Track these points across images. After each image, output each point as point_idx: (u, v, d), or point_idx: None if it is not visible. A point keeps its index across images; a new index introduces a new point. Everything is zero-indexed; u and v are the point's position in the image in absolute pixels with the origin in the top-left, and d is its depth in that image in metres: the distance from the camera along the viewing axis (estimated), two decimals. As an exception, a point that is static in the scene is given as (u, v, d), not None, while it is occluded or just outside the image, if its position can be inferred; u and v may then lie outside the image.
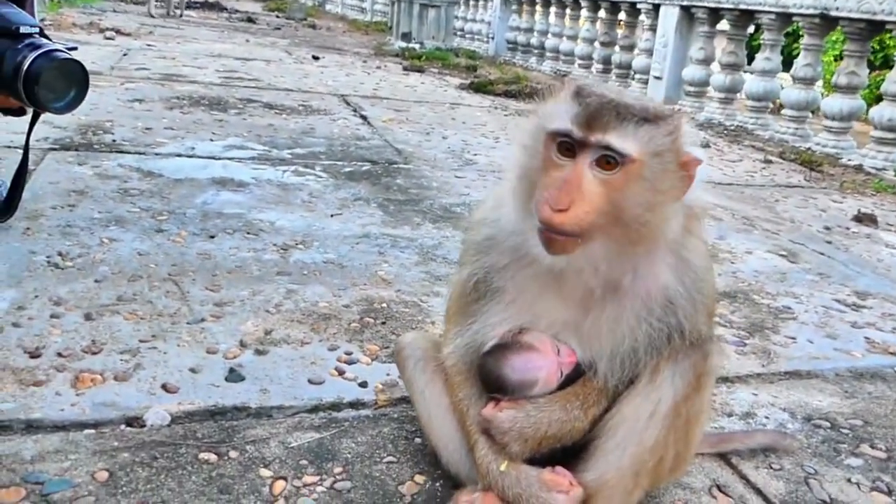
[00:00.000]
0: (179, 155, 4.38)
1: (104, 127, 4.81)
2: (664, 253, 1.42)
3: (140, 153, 4.31)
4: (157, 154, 4.34)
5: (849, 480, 1.95)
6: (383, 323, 2.54)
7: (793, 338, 2.85)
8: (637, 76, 10.58)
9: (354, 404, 2.04)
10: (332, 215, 3.63)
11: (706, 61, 9.22)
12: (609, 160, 1.30)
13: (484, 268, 1.53)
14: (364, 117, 6.33)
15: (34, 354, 2.07)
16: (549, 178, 1.32)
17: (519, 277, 1.50)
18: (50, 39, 2.51)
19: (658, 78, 9.86)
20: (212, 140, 4.84)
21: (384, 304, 2.69)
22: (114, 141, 4.50)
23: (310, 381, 2.11)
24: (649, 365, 1.45)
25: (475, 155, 5.40)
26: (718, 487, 1.86)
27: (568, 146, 1.32)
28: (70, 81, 2.48)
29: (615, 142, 1.29)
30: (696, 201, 1.42)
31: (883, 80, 6.88)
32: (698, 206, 1.45)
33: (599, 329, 1.46)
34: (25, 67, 2.36)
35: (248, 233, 3.25)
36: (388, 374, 2.17)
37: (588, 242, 1.32)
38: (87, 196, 3.44)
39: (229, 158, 4.43)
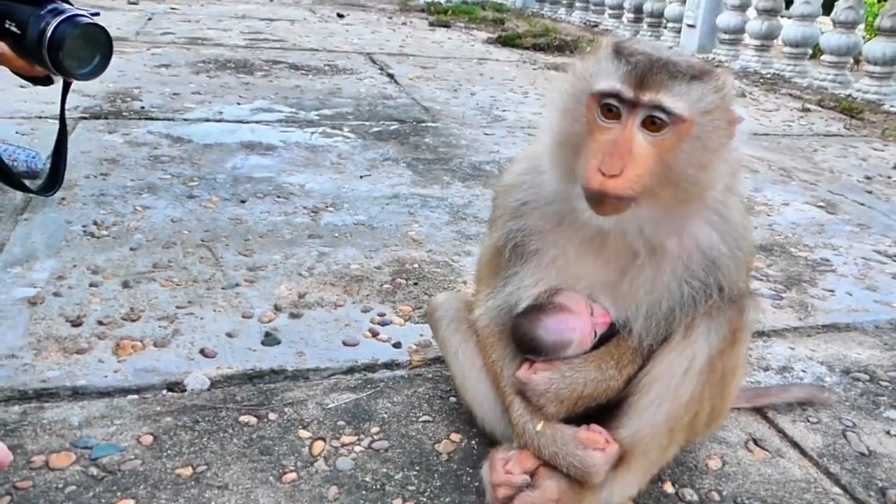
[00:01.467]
0: (207, 120, 4.40)
1: (132, 94, 4.84)
2: (708, 212, 1.40)
3: (169, 119, 4.34)
4: (185, 120, 4.36)
5: (888, 433, 1.93)
6: (415, 284, 2.55)
7: (831, 290, 2.81)
8: (670, 25, 10.31)
9: (389, 365, 2.06)
10: (361, 176, 3.64)
11: (742, 7, 8.94)
12: (656, 121, 1.27)
13: (520, 231, 1.52)
14: (391, 75, 6.28)
15: (76, 323, 2.13)
16: (597, 142, 1.29)
17: (558, 240, 1.49)
18: (72, 5, 2.52)
19: (691, 26, 9.60)
20: (239, 104, 4.85)
21: (415, 265, 2.70)
22: (142, 108, 4.53)
23: (344, 343, 2.14)
24: (684, 321, 1.44)
25: (504, 111, 5.34)
26: (755, 441, 1.86)
27: (612, 108, 1.29)
28: (94, 47, 2.49)
29: (667, 101, 1.26)
30: (735, 158, 1.40)
31: (928, 19, 6.62)
32: (737, 162, 1.42)
33: (636, 290, 1.45)
34: (49, 34, 2.38)
35: (279, 196, 3.27)
36: (421, 335, 2.19)
37: (643, 203, 1.31)
38: (118, 164, 3.49)
39: (257, 122, 4.44)
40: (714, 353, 1.44)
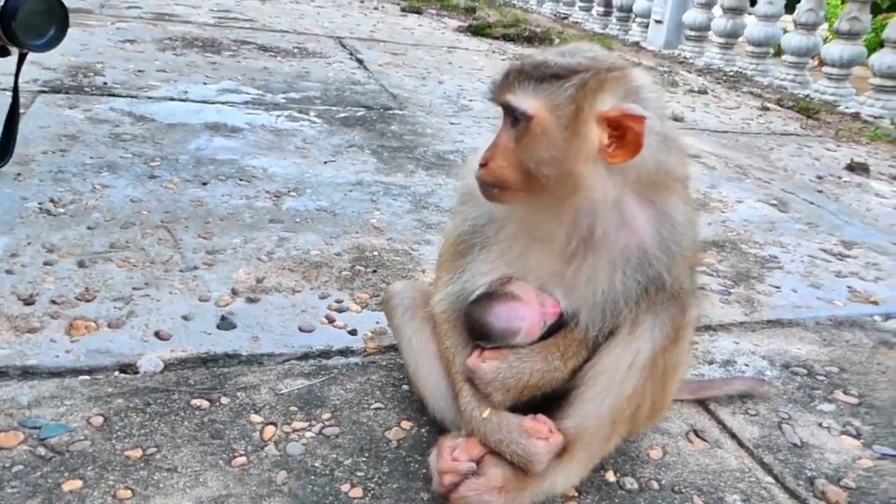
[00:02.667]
0: (172, 99, 4.33)
1: (95, 69, 4.74)
2: (640, 206, 1.43)
3: (132, 96, 4.27)
4: (149, 98, 4.29)
5: (820, 425, 2.01)
6: (374, 271, 2.56)
7: (777, 287, 2.89)
8: (638, 19, 10.40)
9: (344, 352, 2.07)
10: (325, 162, 3.62)
11: (708, 5, 9.06)
12: (517, 118, 1.36)
13: (474, 220, 1.56)
14: (360, 61, 6.24)
15: (28, 301, 2.10)
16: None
17: (511, 230, 1.52)
18: None
19: (659, 21, 9.69)
20: (205, 84, 4.78)
21: (375, 253, 2.71)
22: (105, 83, 4.44)
23: (300, 329, 2.15)
24: (629, 317, 1.48)
25: (471, 101, 5.34)
26: (695, 432, 1.91)
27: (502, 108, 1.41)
28: (49, 18, 2.44)
29: (512, 100, 1.35)
30: (670, 160, 1.42)
31: (887, 23, 6.76)
32: (674, 163, 1.44)
33: (579, 279, 1.48)
34: (3, 4, 2.33)
35: (241, 179, 3.24)
36: (377, 322, 2.21)
37: (512, 194, 1.40)
38: (78, 141, 3.42)
39: (223, 103, 4.39)
40: (657, 349, 1.47)
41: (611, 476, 1.70)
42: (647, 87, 1.37)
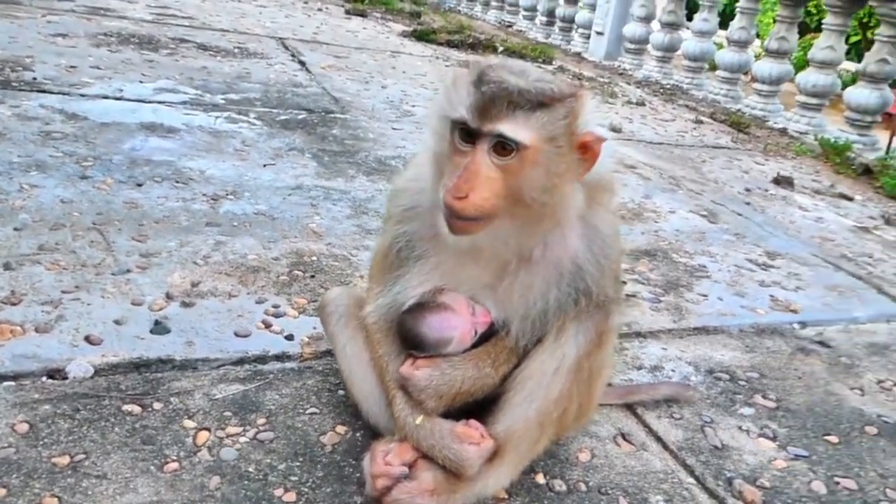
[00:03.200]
0: (106, 97, 4.24)
1: (24, 63, 4.60)
2: (574, 224, 1.50)
3: (64, 93, 4.16)
4: (82, 95, 4.19)
5: (740, 428, 2.11)
6: (312, 276, 2.57)
7: (704, 295, 3.01)
8: (580, 30, 10.63)
9: (280, 357, 2.08)
10: (264, 165, 3.60)
11: (647, 19, 9.32)
12: (505, 146, 1.34)
13: (406, 235, 1.59)
14: (302, 63, 6.21)
15: (-49, 304, 2.04)
16: (453, 164, 1.37)
17: (439, 246, 1.56)
18: None
19: (600, 33, 9.93)
20: (141, 82, 4.69)
21: (314, 258, 2.72)
22: (34, 79, 4.32)
23: (236, 334, 2.14)
24: (556, 325, 1.54)
25: (413, 106, 5.38)
26: (623, 435, 1.99)
27: (469, 132, 1.36)
28: None
29: (507, 130, 1.33)
30: (605, 175, 1.50)
31: (813, 43, 7.10)
32: (608, 179, 1.52)
33: (512, 294, 1.54)
34: None
35: (178, 181, 3.20)
36: (314, 328, 2.22)
37: (491, 223, 1.39)
38: (4, 139, 3.33)
39: (159, 102, 4.31)
40: (582, 353, 1.54)
41: (541, 478, 1.76)
42: (594, 107, 1.46)
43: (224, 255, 2.61)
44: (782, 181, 5.05)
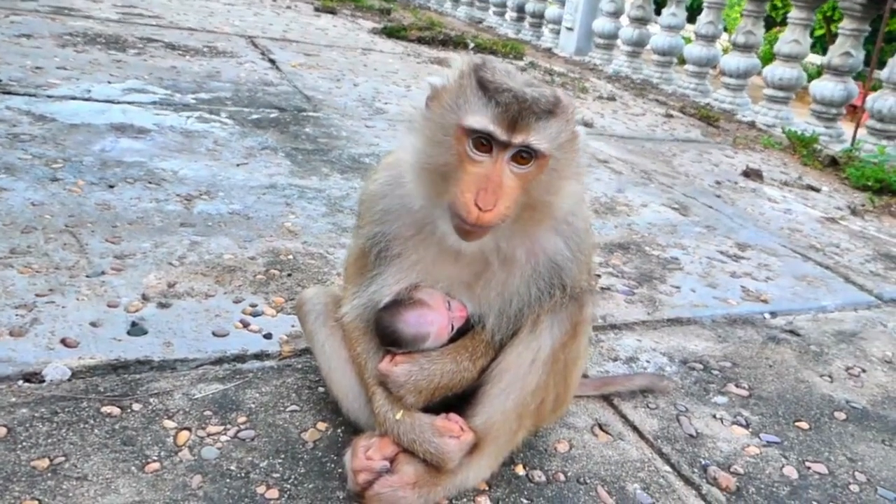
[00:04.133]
0: (74, 98, 4.19)
1: (-11, 65, 4.53)
2: (556, 222, 1.53)
3: (30, 95, 4.10)
4: (49, 97, 4.13)
5: (714, 416, 2.17)
6: (289, 275, 2.58)
7: (677, 287, 3.07)
8: (550, 26, 10.70)
9: (259, 356, 2.09)
10: (238, 165, 3.60)
11: (616, 14, 9.42)
12: (523, 155, 1.39)
13: (383, 236, 1.60)
14: (272, 61, 6.18)
15: (-78, 310, 2.02)
16: (469, 174, 1.38)
17: (418, 247, 1.58)
18: None
19: (570, 29, 10.01)
20: (109, 82, 4.64)
21: (290, 256, 2.73)
22: (0, 81, 4.25)
23: (214, 334, 2.15)
24: (531, 317, 1.57)
25: (386, 104, 5.39)
26: (600, 426, 2.03)
27: (484, 142, 1.38)
28: None
29: (534, 142, 1.37)
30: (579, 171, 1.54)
31: (779, 36, 7.24)
32: (579, 175, 1.56)
33: (489, 292, 1.58)
34: None
35: (150, 182, 3.19)
36: (293, 326, 2.23)
37: (498, 227, 1.43)
38: (-28, 141, 3.28)
39: (129, 102, 4.28)
40: (557, 345, 1.58)
41: (520, 469, 1.79)
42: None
43: (200, 256, 2.61)
44: (751, 174, 5.15)
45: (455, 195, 1.38)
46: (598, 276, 3.03)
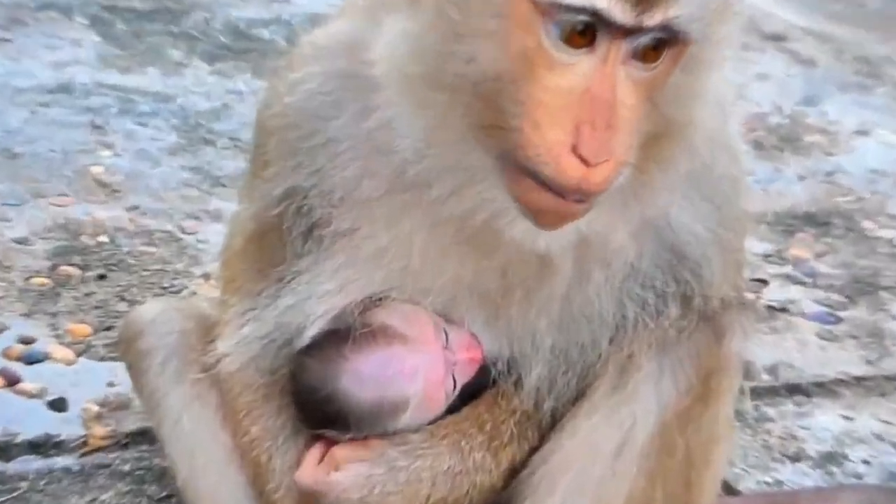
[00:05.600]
0: None
1: None
2: (682, 166, 1.56)
3: None
4: None
5: None
6: (100, 276, 2.62)
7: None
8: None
9: (41, 446, 2.13)
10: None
11: None
12: (656, 46, 1.38)
13: (314, 196, 1.61)
14: None
15: None
16: (549, 93, 1.36)
17: (393, 216, 1.60)
18: None
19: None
20: None
21: (103, 238, 2.76)
22: None
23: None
24: (614, 359, 1.62)
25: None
26: None
27: (583, 30, 1.39)
28: None
29: (683, 17, 1.36)
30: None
31: None
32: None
33: (532, 310, 1.60)
34: None
35: None
36: (110, 383, 2.28)
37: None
38: None
39: None
40: (669, 416, 1.62)
41: None
42: None
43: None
44: None
45: (524, 138, 1.38)
46: (763, 280, 3.08)
